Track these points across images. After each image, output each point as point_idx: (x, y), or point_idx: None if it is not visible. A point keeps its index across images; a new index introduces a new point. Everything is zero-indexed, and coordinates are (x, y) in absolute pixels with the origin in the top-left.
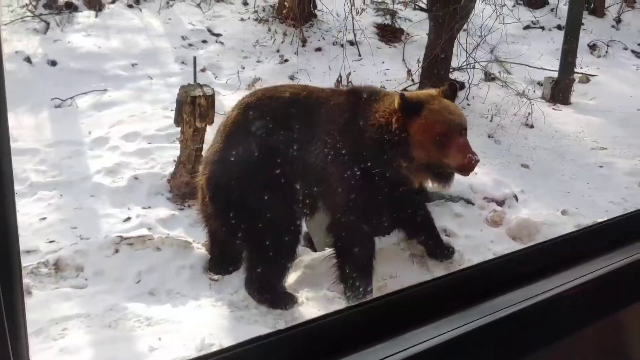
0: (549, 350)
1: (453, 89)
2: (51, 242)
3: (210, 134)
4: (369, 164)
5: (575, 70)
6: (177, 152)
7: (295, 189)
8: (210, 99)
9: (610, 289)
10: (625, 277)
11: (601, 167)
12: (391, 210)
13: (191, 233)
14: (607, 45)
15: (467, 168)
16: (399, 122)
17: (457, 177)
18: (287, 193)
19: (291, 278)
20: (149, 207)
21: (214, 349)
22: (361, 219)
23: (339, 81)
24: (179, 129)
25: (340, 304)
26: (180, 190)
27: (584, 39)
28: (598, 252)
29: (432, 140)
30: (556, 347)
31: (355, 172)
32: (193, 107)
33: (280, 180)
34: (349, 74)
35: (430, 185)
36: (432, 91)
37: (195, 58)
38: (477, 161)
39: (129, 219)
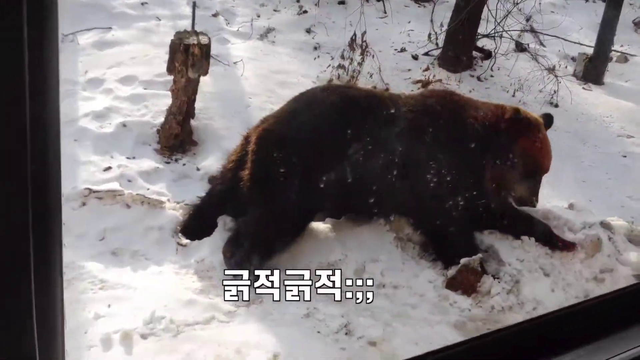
0: None
1: (549, 121)
2: None
3: (209, 84)
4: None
5: (613, 48)
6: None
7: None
8: (205, 49)
9: None
10: None
11: (625, 156)
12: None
13: (173, 189)
14: None
15: (523, 204)
16: (504, 136)
17: None
18: (333, 184)
19: None
20: (134, 158)
21: (164, 322)
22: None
23: (352, 40)
24: (171, 77)
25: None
26: (169, 142)
27: (629, 15)
28: None
29: (530, 165)
30: None
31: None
32: (186, 55)
33: (336, 167)
34: (364, 32)
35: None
36: (540, 120)
37: (194, 3)
38: (534, 206)
39: (109, 168)
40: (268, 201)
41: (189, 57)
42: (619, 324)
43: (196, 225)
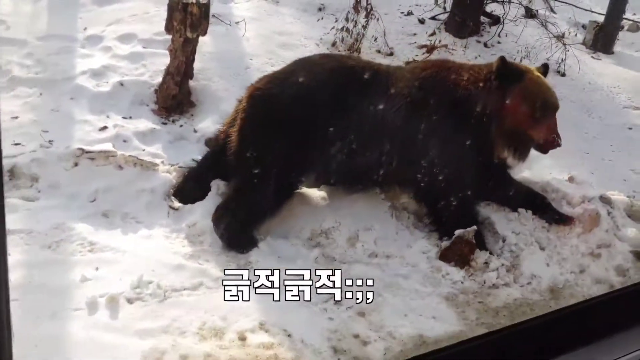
0: None
1: (545, 69)
2: (16, 144)
3: (209, 45)
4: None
5: (625, 16)
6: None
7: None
8: (204, 8)
9: None
10: None
11: (630, 129)
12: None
13: (168, 151)
14: None
15: (547, 147)
16: (497, 87)
17: None
18: (323, 151)
19: None
20: (130, 118)
21: (151, 287)
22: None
23: (357, 2)
24: (170, 36)
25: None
26: (166, 102)
27: None
28: None
29: (529, 110)
30: None
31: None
32: (184, 14)
33: (328, 134)
34: None
35: (507, 157)
36: (530, 66)
37: None
38: (559, 145)
39: (105, 128)
40: (256, 162)
41: (188, 16)
42: (623, 323)
43: (190, 188)
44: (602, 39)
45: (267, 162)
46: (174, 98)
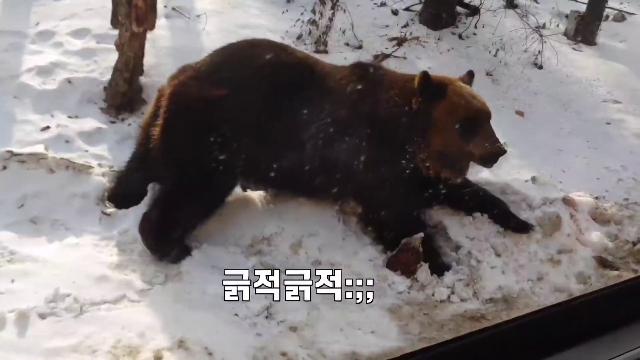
0: None
1: (470, 76)
2: None
3: (166, 39)
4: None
5: (611, 5)
6: None
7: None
8: (150, 1)
9: None
10: None
11: (608, 124)
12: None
13: (114, 151)
14: None
15: (491, 158)
16: (419, 104)
17: None
18: (250, 155)
19: None
20: (76, 117)
21: (67, 301)
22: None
23: None
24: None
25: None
26: (115, 100)
27: None
28: None
29: (463, 119)
30: None
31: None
32: (129, 8)
33: (256, 137)
34: None
35: (442, 175)
36: (451, 76)
37: None
38: (504, 151)
39: (47, 128)
40: (180, 167)
41: (132, 10)
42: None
43: (124, 192)
44: (583, 29)
45: (192, 168)
46: (124, 95)
